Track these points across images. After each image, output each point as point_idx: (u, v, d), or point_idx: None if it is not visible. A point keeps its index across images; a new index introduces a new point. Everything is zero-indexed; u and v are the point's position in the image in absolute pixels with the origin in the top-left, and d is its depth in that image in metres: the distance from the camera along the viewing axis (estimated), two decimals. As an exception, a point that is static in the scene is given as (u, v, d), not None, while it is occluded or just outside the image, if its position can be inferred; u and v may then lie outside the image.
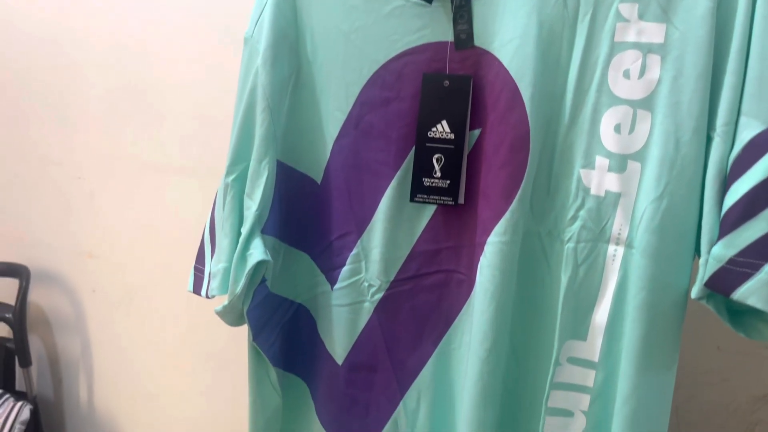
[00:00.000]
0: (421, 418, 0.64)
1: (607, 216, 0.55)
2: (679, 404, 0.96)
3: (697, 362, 0.93)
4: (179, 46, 1.08)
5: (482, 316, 0.56)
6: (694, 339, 0.93)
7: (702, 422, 0.95)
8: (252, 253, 0.61)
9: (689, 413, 0.95)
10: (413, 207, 0.62)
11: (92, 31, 1.15)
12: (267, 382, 0.66)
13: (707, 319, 0.91)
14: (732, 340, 0.93)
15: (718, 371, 0.92)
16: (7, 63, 1.24)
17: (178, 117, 1.11)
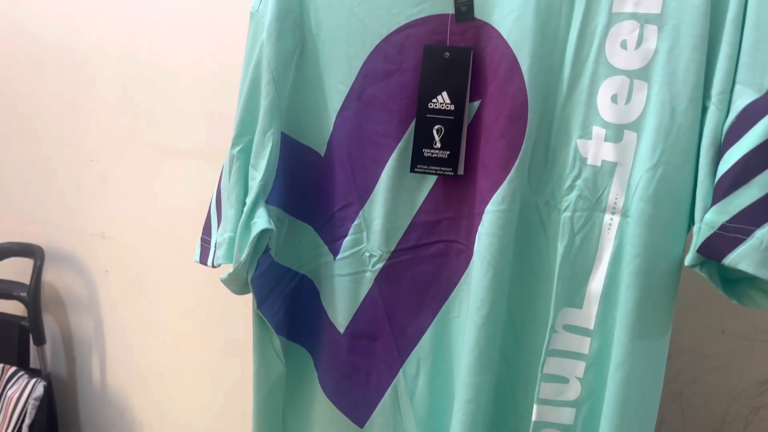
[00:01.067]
0: (420, 385, 0.65)
1: (604, 185, 0.55)
2: (683, 388, 0.96)
3: (702, 346, 0.93)
4: (189, 34, 1.10)
5: (479, 284, 0.58)
6: (699, 323, 0.93)
7: (705, 406, 0.95)
8: (256, 222, 0.62)
9: (693, 397, 0.95)
10: (414, 178, 0.63)
11: (106, 17, 1.17)
12: (271, 349, 0.68)
13: (712, 304, 0.92)
14: (737, 325, 0.93)
15: (722, 355, 0.92)
16: (23, 49, 1.27)
17: (188, 101, 1.12)
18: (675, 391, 0.97)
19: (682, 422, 0.98)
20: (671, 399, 0.96)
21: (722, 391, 0.93)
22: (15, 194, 1.34)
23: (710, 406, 0.94)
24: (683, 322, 0.91)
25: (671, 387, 0.95)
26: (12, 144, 1.32)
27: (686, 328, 0.92)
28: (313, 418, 0.71)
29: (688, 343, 0.95)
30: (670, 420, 0.97)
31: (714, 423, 0.95)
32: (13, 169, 1.34)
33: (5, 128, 1.32)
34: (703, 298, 0.91)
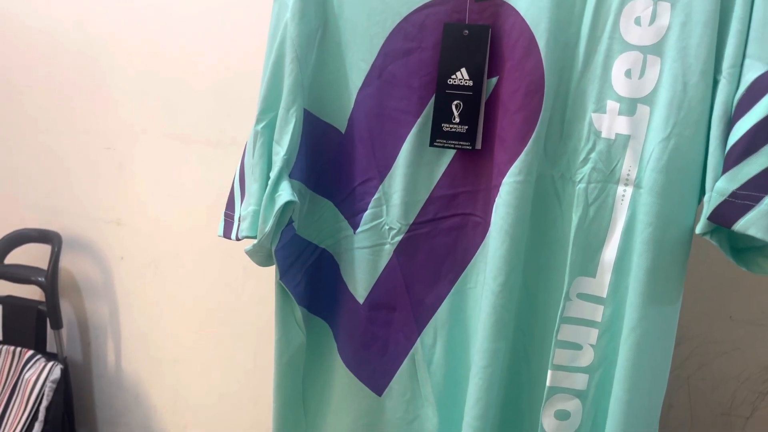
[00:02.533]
0: (437, 354, 0.68)
1: (617, 158, 0.57)
2: (691, 373, 0.97)
3: (709, 332, 0.94)
4: (205, 23, 1.12)
5: (496, 253, 0.60)
6: (706, 309, 0.94)
7: (713, 391, 0.96)
8: (280, 195, 0.65)
9: (700, 381, 0.96)
10: (432, 153, 0.65)
11: (122, 7, 1.19)
12: (292, 320, 0.70)
13: (720, 289, 0.93)
14: (744, 311, 0.95)
15: (729, 341, 0.94)
16: (41, 39, 1.29)
17: (203, 90, 1.14)
18: (683, 377, 0.98)
19: (690, 408, 0.99)
20: (679, 385, 0.97)
21: (729, 377, 0.94)
22: (33, 182, 1.36)
23: (717, 391, 0.95)
24: (691, 308, 0.91)
25: (679, 373, 0.96)
26: (30, 133, 1.34)
27: (694, 314, 0.93)
28: (332, 387, 0.73)
29: (695, 330, 0.96)
30: (678, 405, 0.98)
31: (721, 408, 0.97)
32: (31, 158, 1.36)
33: (23, 118, 1.34)
34: (711, 285, 0.93)
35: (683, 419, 0.99)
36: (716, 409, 0.97)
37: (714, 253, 0.86)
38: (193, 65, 1.15)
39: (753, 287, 0.91)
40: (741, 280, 0.93)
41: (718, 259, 0.89)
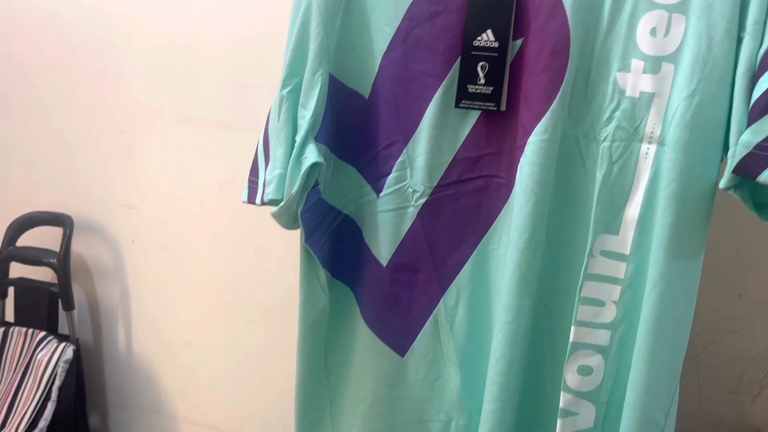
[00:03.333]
0: (460, 314, 0.69)
1: (641, 116, 0.59)
2: (700, 351, 0.98)
3: (718, 310, 0.95)
4: (217, 5, 1.13)
5: (521, 210, 0.61)
6: (716, 288, 0.95)
7: (721, 368, 0.97)
8: (306, 157, 0.66)
9: (710, 359, 0.97)
10: (457, 115, 0.66)
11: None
12: (316, 283, 0.71)
13: (729, 268, 0.94)
14: (753, 289, 0.96)
15: (738, 319, 0.95)
16: (53, 20, 1.30)
17: (215, 73, 1.15)
18: (692, 354, 0.99)
19: (699, 384, 0.99)
20: (688, 362, 0.97)
21: (738, 354, 0.95)
22: (44, 165, 1.37)
23: (726, 368, 0.96)
24: (700, 287, 0.92)
25: (688, 350, 0.95)
26: (42, 117, 1.35)
27: (703, 292, 0.93)
28: (355, 350, 0.74)
29: (705, 308, 0.96)
30: (687, 382, 0.99)
31: (730, 385, 0.97)
32: (43, 141, 1.37)
33: (36, 101, 1.35)
34: (720, 264, 0.93)
35: (692, 397, 1.00)
36: (725, 387, 0.98)
37: (723, 232, 0.88)
38: (205, 49, 1.16)
39: (762, 266, 0.92)
40: (750, 259, 0.94)
41: (728, 238, 0.91)
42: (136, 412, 1.38)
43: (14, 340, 1.29)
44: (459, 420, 0.71)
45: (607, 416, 0.64)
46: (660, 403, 0.59)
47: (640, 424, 0.59)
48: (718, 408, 0.96)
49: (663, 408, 0.60)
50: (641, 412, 0.59)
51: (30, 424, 1.19)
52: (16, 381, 1.26)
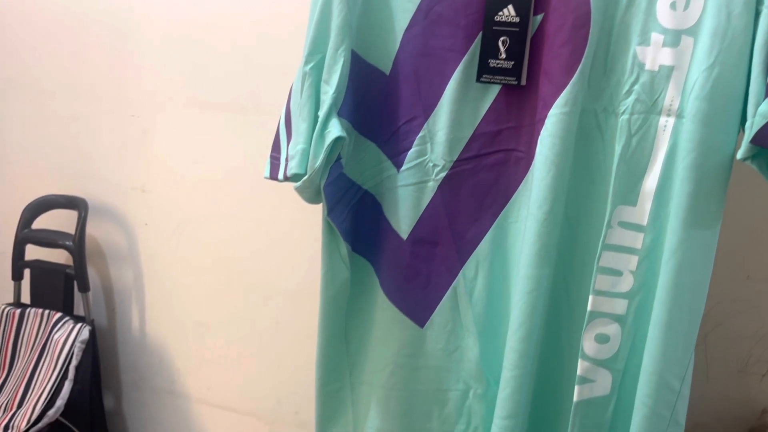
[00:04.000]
0: (478, 286, 0.70)
1: (660, 89, 0.60)
2: (708, 331, 0.97)
3: (727, 291, 0.94)
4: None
5: (542, 182, 0.62)
6: (725, 269, 0.95)
7: (729, 348, 0.97)
8: (330, 131, 0.67)
9: (718, 340, 0.97)
10: (478, 90, 0.67)
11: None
12: (337, 255, 0.73)
13: (738, 249, 0.95)
14: (761, 270, 0.96)
15: (746, 300, 0.95)
16: (67, 7, 1.30)
17: (228, 57, 1.15)
18: (700, 335, 0.98)
19: (706, 364, 0.99)
20: (696, 342, 0.99)
21: (746, 335, 0.96)
22: (59, 148, 1.38)
23: (734, 348, 0.96)
24: None
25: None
26: (56, 101, 1.36)
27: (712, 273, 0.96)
28: (375, 321, 0.75)
29: (713, 289, 0.95)
30: (695, 362, 1.00)
31: (737, 365, 0.97)
32: (58, 124, 1.38)
33: (51, 84, 1.36)
34: (729, 245, 0.93)
35: (700, 376, 0.99)
36: (732, 367, 0.98)
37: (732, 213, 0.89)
38: (218, 32, 1.17)
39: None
40: (759, 240, 0.95)
41: (737, 220, 0.91)
42: (150, 393, 1.39)
43: (31, 321, 1.31)
44: (477, 389, 0.73)
45: (623, 383, 0.65)
46: (676, 369, 0.61)
47: (657, 389, 0.61)
48: (725, 388, 0.97)
49: (679, 374, 0.62)
50: (657, 378, 0.61)
51: (47, 403, 1.21)
52: (33, 361, 1.28)
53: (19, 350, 1.31)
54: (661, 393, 0.61)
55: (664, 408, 0.61)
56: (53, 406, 1.20)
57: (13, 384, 1.27)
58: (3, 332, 1.31)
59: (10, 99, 1.40)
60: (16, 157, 1.43)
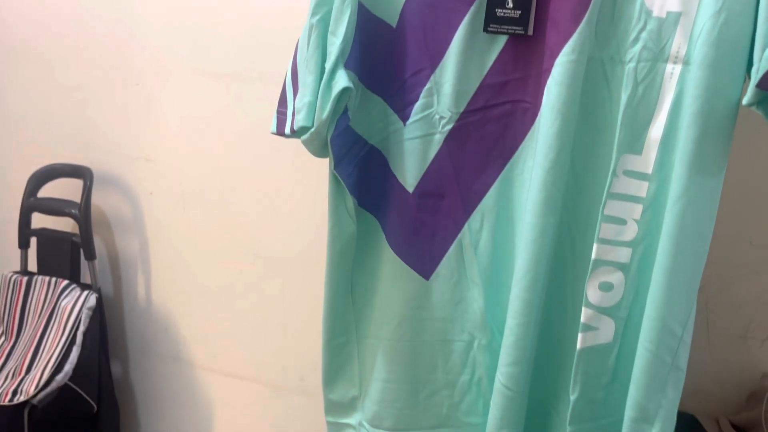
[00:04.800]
0: (483, 238, 0.71)
1: (668, 36, 0.60)
2: (709, 297, 0.97)
3: (729, 257, 0.95)
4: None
5: (548, 131, 0.63)
6: (727, 234, 0.95)
7: (730, 314, 0.97)
8: (337, 82, 0.67)
9: (719, 306, 0.97)
10: (485, 40, 0.68)
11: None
12: (344, 209, 0.74)
13: (741, 215, 0.95)
14: (764, 236, 0.96)
15: (748, 265, 0.95)
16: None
17: (233, 25, 1.15)
18: (701, 301, 0.98)
19: (707, 330, 1.00)
20: (697, 309, 0.98)
21: (747, 300, 0.96)
22: (64, 118, 1.38)
23: (735, 314, 0.97)
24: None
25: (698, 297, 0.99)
26: (61, 70, 1.36)
27: (714, 239, 0.94)
28: (381, 275, 0.76)
29: (715, 254, 0.95)
30: (696, 328, 0.98)
31: (738, 330, 0.98)
32: (62, 94, 1.37)
33: (55, 54, 1.36)
34: (731, 210, 0.93)
35: (701, 342, 1.00)
36: (733, 332, 0.98)
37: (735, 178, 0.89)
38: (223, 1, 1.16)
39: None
40: (762, 205, 0.94)
41: (739, 184, 0.91)
42: (156, 360, 1.40)
43: (38, 289, 1.32)
44: (482, 339, 0.74)
45: (626, 331, 0.67)
46: (679, 315, 0.62)
47: (660, 334, 0.62)
48: (726, 353, 0.97)
49: (681, 320, 0.63)
50: (660, 323, 0.62)
51: (56, 368, 1.22)
52: (41, 327, 1.29)
53: (26, 317, 1.32)
54: (664, 338, 0.62)
55: (667, 353, 0.62)
56: (62, 371, 1.21)
57: (22, 350, 1.29)
58: (11, 300, 1.32)
59: (15, 69, 1.39)
60: (22, 126, 1.43)
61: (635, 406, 0.63)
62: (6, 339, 1.33)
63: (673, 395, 0.63)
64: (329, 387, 0.83)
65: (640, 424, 0.63)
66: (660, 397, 0.62)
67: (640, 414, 0.63)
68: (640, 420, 0.63)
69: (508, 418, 0.69)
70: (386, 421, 0.79)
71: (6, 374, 1.25)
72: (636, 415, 0.63)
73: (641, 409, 0.63)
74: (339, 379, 0.82)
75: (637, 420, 0.63)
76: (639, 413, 0.63)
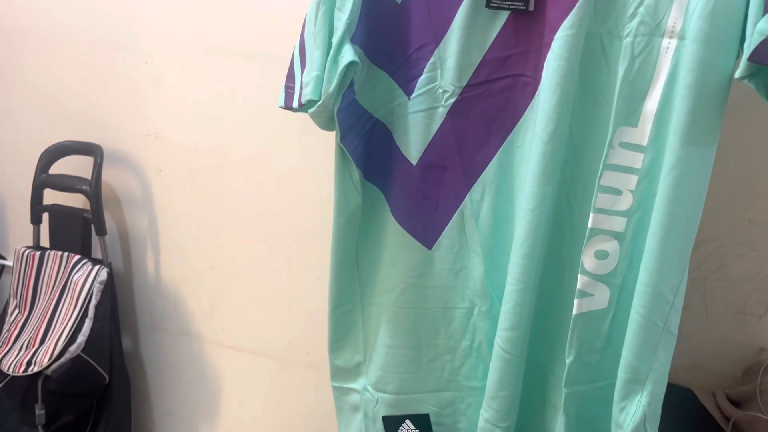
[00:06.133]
0: (484, 208, 0.74)
1: (664, 11, 0.62)
2: (708, 275, 0.99)
3: (727, 234, 0.96)
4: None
5: (547, 103, 0.65)
6: (726, 212, 0.96)
7: (728, 291, 0.99)
8: (343, 56, 0.70)
9: (717, 282, 0.99)
10: (487, 16, 0.70)
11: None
12: (350, 181, 0.76)
13: (740, 192, 0.96)
14: (763, 213, 0.95)
15: (747, 242, 0.96)
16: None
17: (241, 2, 1.16)
18: (700, 278, 0.99)
19: (706, 307, 1.00)
20: (696, 286, 0.99)
21: (746, 277, 0.97)
22: (74, 96, 1.39)
23: (733, 290, 0.98)
24: (710, 211, 0.90)
25: (696, 274, 0.99)
26: (71, 49, 1.37)
27: (713, 217, 0.92)
28: (385, 245, 0.79)
29: (714, 232, 0.97)
30: (694, 306, 1.00)
31: (736, 306, 0.99)
32: (73, 73, 1.39)
33: (63, 34, 1.37)
34: (731, 188, 0.94)
35: (699, 318, 1.01)
36: (732, 308, 0.99)
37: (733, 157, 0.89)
38: None
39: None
40: (761, 183, 0.95)
41: (738, 163, 0.92)
42: (165, 335, 1.43)
43: (50, 263, 1.34)
44: (482, 306, 0.77)
45: (620, 298, 0.69)
46: (670, 281, 0.65)
47: (652, 299, 0.64)
48: (724, 329, 0.99)
49: (673, 286, 0.65)
50: (653, 289, 0.64)
51: (69, 339, 1.25)
52: (53, 301, 1.32)
53: (39, 291, 1.34)
54: (656, 303, 0.64)
55: (658, 318, 0.65)
56: (75, 342, 1.24)
57: (35, 322, 1.32)
58: (24, 274, 1.34)
59: (26, 49, 1.41)
60: (33, 104, 1.44)
61: (628, 368, 0.66)
62: (20, 312, 1.36)
63: (664, 358, 0.66)
64: (335, 353, 0.86)
65: (632, 384, 0.66)
66: (652, 360, 0.65)
67: (633, 375, 0.66)
68: (633, 381, 0.66)
69: (506, 381, 0.72)
70: (390, 385, 0.82)
71: (20, 346, 1.28)
72: (628, 376, 0.66)
73: (633, 370, 0.66)
74: (344, 346, 0.85)
75: (630, 381, 0.66)
76: (631, 374, 0.66)
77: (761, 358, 0.94)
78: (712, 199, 0.93)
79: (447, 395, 0.81)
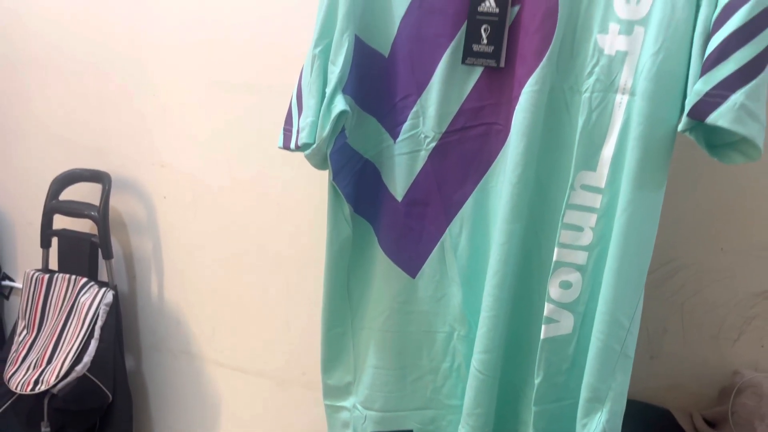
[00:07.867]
0: (462, 241, 0.81)
1: (617, 71, 0.70)
2: (685, 300, 1.03)
3: (703, 262, 1.01)
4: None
5: (516, 150, 0.73)
6: (701, 241, 1.00)
7: (704, 315, 1.03)
8: (336, 105, 0.78)
9: (694, 307, 1.03)
10: (463, 71, 0.78)
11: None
12: (341, 214, 0.84)
13: (713, 224, 1.01)
14: (735, 242, 0.99)
15: (721, 270, 1.00)
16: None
17: (242, 40, 1.23)
18: (677, 303, 1.04)
19: (683, 331, 1.05)
20: (674, 310, 1.04)
21: (720, 302, 1.01)
22: (85, 125, 1.45)
23: (709, 315, 1.02)
24: (686, 240, 0.99)
25: (674, 299, 1.03)
26: (83, 80, 1.43)
27: (689, 245, 0.99)
28: (374, 274, 0.87)
29: (690, 259, 1.01)
30: (672, 330, 1.04)
31: (712, 330, 1.03)
32: (82, 103, 1.44)
33: (78, 65, 1.43)
34: (705, 219, 1.00)
35: (677, 341, 1.05)
36: (707, 332, 1.03)
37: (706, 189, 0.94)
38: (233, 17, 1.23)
39: (743, 221, 0.98)
40: (731, 214, 0.99)
41: (711, 195, 0.97)
42: (167, 354, 1.47)
43: (59, 286, 1.38)
44: (460, 331, 0.85)
45: (583, 324, 0.76)
46: (626, 309, 0.72)
47: (609, 325, 0.72)
48: (701, 351, 1.03)
49: (628, 313, 0.72)
50: (610, 317, 0.72)
51: (75, 359, 1.29)
52: (61, 322, 1.36)
53: (47, 312, 1.38)
54: (613, 329, 0.72)
55: (615, 342, 0.72)
56: (81, 362, 1.28)
57: (43, 342, 1.35)
58: (33, 296, 1.39)
59: (39, 78, 1.47)
60: (45, 133, 1.50)
61: (589, 388, 0.73)
62: (28, 332, 1.41)
63: (622, 379, 0.73)
64: (327, 373, 0.92)
65: (593, 403, 0.73)
66: (610, 380, 0.72)
67: (593, 394, 0.73)
68: (593, 400, 0.73)
69: (481, 399, 0.79)
70: (377, 403, 0.88)
71: (28, 365, 1.32)
72: (590, 395, 0.73)
73: (594, 390, 0.73)
74: (336, 366, 0.91)
75: (591, 400, 0.73)
76: (592, 394, 0.73)
77: (734, 381, 0.97)
78: (687, 228, 0.99)
79: (429, 413, 0.88)
